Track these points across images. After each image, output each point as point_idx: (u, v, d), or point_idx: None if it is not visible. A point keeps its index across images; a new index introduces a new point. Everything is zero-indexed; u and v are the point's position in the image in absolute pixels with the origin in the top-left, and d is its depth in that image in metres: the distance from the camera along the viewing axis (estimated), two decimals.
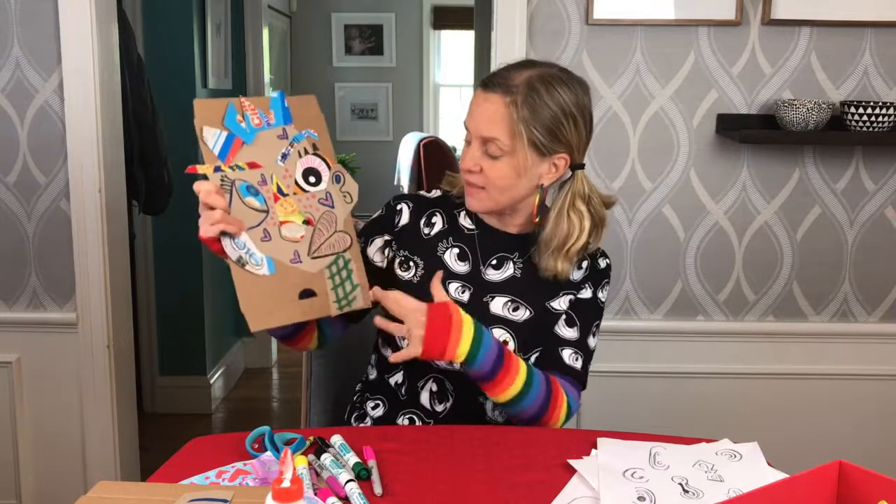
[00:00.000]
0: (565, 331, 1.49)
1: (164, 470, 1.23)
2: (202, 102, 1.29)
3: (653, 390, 2.31)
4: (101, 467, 2.35)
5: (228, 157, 1.28)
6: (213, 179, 1.26)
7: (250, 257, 1.28)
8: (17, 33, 2.20)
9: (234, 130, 1.29)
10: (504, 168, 1.40)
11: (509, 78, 1.40)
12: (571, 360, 1.48)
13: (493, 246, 1.51)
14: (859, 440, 2.34)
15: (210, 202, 1.25)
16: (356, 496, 1.11)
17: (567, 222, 1.44)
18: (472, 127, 1.42)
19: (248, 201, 1.28)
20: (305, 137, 1.35)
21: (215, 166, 1.27)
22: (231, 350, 3.97)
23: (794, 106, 2.08)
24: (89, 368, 2.32)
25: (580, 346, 1.49)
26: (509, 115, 1.38)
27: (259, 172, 1.29)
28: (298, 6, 5.90)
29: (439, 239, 1.52)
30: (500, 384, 1.37)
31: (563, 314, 1.49)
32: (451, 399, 1.49)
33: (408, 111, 6.20)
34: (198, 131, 1.27)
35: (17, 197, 2.27)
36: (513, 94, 1.38)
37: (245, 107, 1.30)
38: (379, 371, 1.57)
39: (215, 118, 1.28)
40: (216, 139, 1.27)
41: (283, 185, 1.31)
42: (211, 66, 3.49)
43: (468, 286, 1.48)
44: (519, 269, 1.50)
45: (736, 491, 1.15)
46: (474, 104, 1.43)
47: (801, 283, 2.30)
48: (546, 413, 1.41)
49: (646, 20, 2.17)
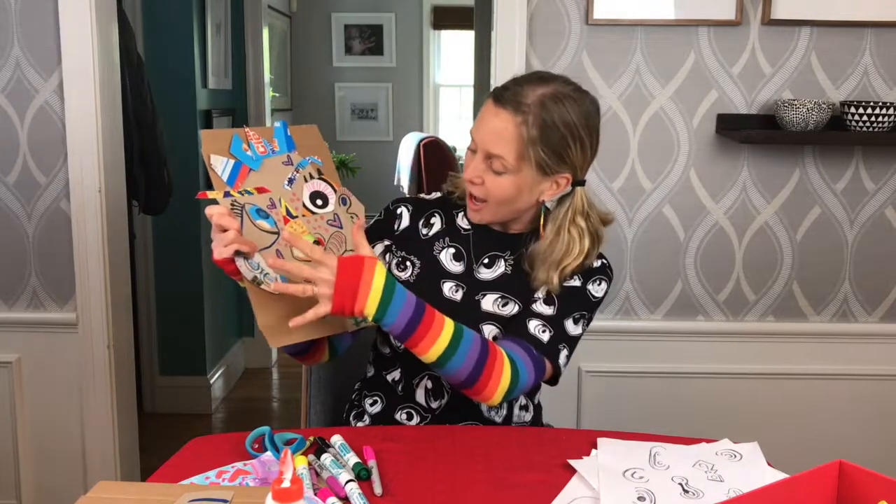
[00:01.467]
0: (540, 307, 1.44)
1: (164, 470, 1.23)
2: (208, 133, 1.32)
3: (653, 390, 2.31)
4: (101, 467, 2.35)
5: (237, 182, 1.31)
6: (223, 203, 1.28)
7: (265, 276, 1.29)
8: (17, 33, 2.20)
9: (240, 158, 1.32)
10: (506, 184, 1.40)
11: (522, 94, 1.37)
12: (537, 331, 1.41)
13: (486, 245, 1.51)
14: (859, 440, 2.34)
15: (223, 224, 1.25)
16: (356, 496, 1.11)
17: (567, 238, 1.43)
18: (479, 140, 1.40)
19: (259, 224, 1.30)
20: (310, 163, 1.39)
21: (225, 191, 1.29)
22: (231, 350, 3.97)
23: (794, 106, 2.08)
24: (89, 368, 2.32)
25: (552, 322, 1.42)
26: (518, 136, 1.36)
27: (268, 196, 1.32)
28: (298, 6, 5.90)
29: (436, 239, 1.53)
30: (419, 341, 1.29)
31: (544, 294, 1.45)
32: (447, 396, 1.50)
33: (408, 111, 6.19)
34: (205, 159, 1.30)
35: (17, 197, 2.27)
36: (524, 114, 1.36)
37: (250, 136, 1.34)
38: (376, 368, 1.57)
39: (222, 147, 1.32)
40: (224, 166, 1.30)
41: (291, 208, 1.34)
42: (211, 66, 3.50)
43: (461, 285, 1.49)
44: (510, 266, 1.50)
45: (736, 491, 1.15)
46: (483, 117, 1.40)
47: (801, 283, 2.30)
48: (481, 377, 1.31)
49: (646, 20, 2.17)
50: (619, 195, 2.25)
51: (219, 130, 1.34)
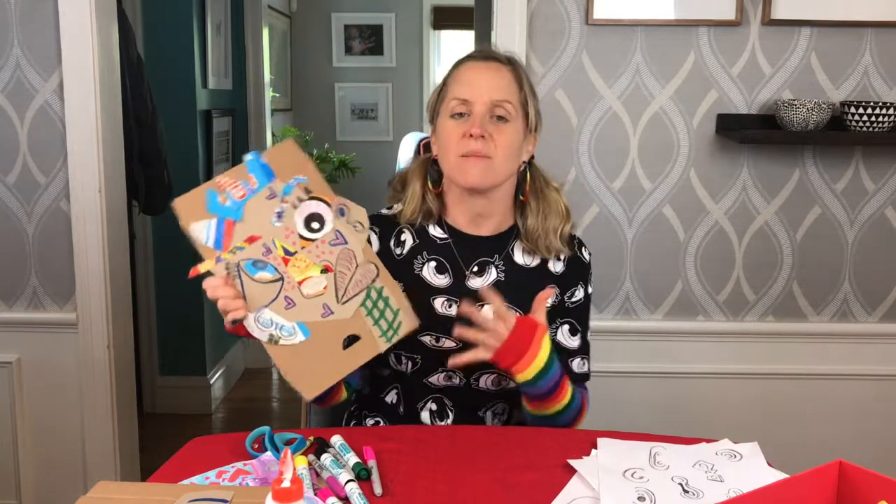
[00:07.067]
0: (570, 341, 1.50)
1: (164, 470, 1.23)
2: (181, 202, 1.24)
3: (653, 390, 2.31)
4: (101, 467, 2.35)
5: (224, 242, 1.24)
6: (217, 272, 1.23)
7: (280, 331, 1.25)
8: (17, 33, 2.20)
9: (221, 214, 1.24)
10: (511, 132, 1.41)
11: (498, 54, 1.47)
12: (580, 367, 1.51)
13: (472, 252, 1.48)
14: (859, 440, 2.34)
15: (217, 295, 1.23)
16: (356, 496, 1.11)
17: (551, 199, 1.49)
18: (477, 94, 1.40)
19: (258, 277, 1.25)
20: (295, 186, 1.28)
21: (216, 258, 1.24)
22: (231, 350, 3.96)
23: (794, 106, 2.08)
24: (89, 368, 2.32)
25: (584, 349, 1.52)
26: (517, 81, 1.44)
27: (260, 243, 1.25)
28: (298, 6, 5.89)
29: (413, 256, 1.48)
30: (542, 404, 1.39)
31: (564, 323, 1.50)
32: (451, 415, 1.48)
33: (408, 111, 6.18)
34: (186, 231, 1.23)
35: (17, 197, 2.27)
36: (514, 66, 1.45)
37: (223, 185, 1.25)
38: (373, 389, 1.55)
39: (198, 210, 1.24)
40: (207, 231, 1.24)
41: (287, 246, 1.27)
42: (211, 66, 3.50)
43: (454, 299, 1.43)
44: (501, 271, 1.48)
45: (736, 491, 1.15)
46: (473, 75, 1.44)
47: (801, 283, 2.30)
48: (568, 426, 1.44)
49: (646, 20, 2.17)
50: (619, 195, 2.25)
51: (190, 194, 1.24)
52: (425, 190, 1.49)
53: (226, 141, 3.76)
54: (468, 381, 1.46)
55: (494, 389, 1.48)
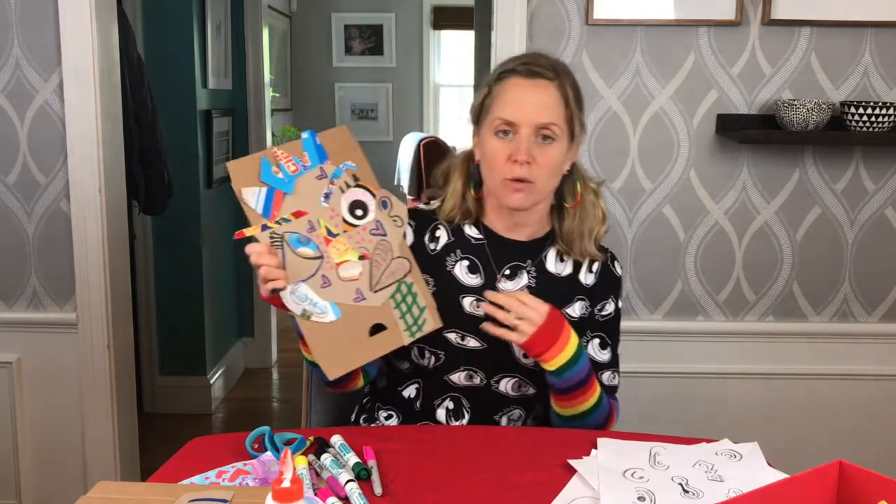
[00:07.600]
0: (600, 355, 1.51)
1: (164, 470, 1.23)
2: (235, 164, 1.28)
3: (653, 390, 2.31)
4: (101, 467, 2.35)
5: (272, 211, 1.28)
6: (262, 239, 1.27)
7: (314, 307, 1.28)
8: (17, 33, 2.20)
9: (272, 184, 1.29)
10: (555, 154, 1.40)
11: (543, 63, 1.42)
12: (610, 380, 1.52)
13: (505, 255, 1.48)
14: (859, 440, 2.34)
15: (261, 262, 1.25)
16: (356, 496, 1.11)
17: (588, 203, 1.48)
18: (523, 117, 1.38)
19: (300, 252, 1.29)
20: (344, 171, 1.34)
21: (262, 225, 1.27)
22: (231, 350, 3.96)
23: (794, 106, 2.08)
24: (89, 368, 2.32)
25: (614, 363, 1.53)
26: (563, 98, 1.40)
27: (306, 220, 1.30)
28: (298, 6, 5.90)
29: (447, 253, 1.49)
30: (569, 402, 1.41)
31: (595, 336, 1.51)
32: (467, 416, 1.48)
33: (408, 111, 6.19)
34: (237, 193, 1.27)
35: (17, 197, 2.27)
36: (560, 78, 1.41)
37: (278, 157, 1.30)
38: (390, 382, 1.55)
39: (251, 176, 1.28)
40: (257, 197, 1.28)
41: (331, 227, 1.31)
42: (211, 66, 3.50)
43: (483, 300, 1.42)
44: (533, 277, 1.48)
45: (736, 491, 1.15)
46: (520, 93, 1.40)
47: (801, 283, 2.30)
48: (596, 430, 1.44)
49: (646, 20, 2.17)
50: (619, 195, 2.25)
51: (245, 159, 1.29)
52: (466, 190, 1.49)
53: (226, 141, 3.76)
54: (489, 382, 1.46)
55: (514, 395, 1.48)
